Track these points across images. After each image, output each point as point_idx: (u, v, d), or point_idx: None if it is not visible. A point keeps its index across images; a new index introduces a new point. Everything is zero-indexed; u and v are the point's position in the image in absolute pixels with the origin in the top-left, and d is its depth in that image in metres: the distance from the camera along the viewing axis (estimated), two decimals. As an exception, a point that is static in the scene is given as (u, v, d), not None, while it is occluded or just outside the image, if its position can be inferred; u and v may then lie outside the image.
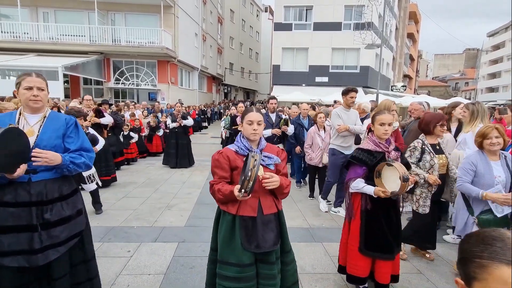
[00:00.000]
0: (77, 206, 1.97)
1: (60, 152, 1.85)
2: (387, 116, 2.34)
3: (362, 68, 19.95)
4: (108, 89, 17.30)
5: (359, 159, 2.37)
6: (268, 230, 1.87)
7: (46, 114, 1.91)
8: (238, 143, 1.92)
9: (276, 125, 5.17)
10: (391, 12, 21.98)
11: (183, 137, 7.38)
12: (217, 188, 1.82)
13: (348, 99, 4.23)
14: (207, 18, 23.18)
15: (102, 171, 5.28)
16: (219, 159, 1.88)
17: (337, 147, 4.33)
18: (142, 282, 2.62)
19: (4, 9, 16.16)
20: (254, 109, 1.91)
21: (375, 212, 2.34)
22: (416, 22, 38.81)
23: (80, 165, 1.89)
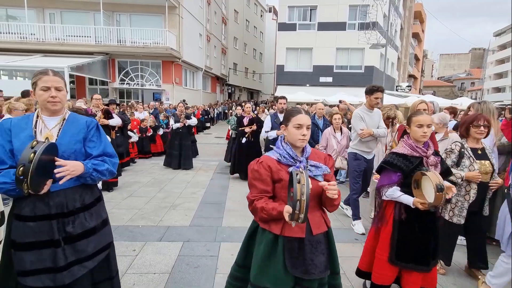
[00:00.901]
0: (101, 215, 1.81)
1: (81, 158, 1.70)
2: (425, 117, 2.13)
3: (367, 68, 19.85)
4: (113, 89, 17.43)
5: (394, 165, 2.16)
6: (318, 253, 1.62)
7: (66, 116, 1.74)
8: (280, 150, 1.66)
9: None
10: (396, 12, 21.85)
11: (187, 137, 7.25)
12: (260, 206, 1.56)
13: (372, 99, 3.80)
14: (211, 18, 23.24)
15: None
16: (259, 170, 1.61)
17: (359, 152, 3.96)
18: (148, 281, 2.63)
19: (11, 10, 16.39)
20: (303, 111, 1.65)
21: (409, 222, 2.15)
22: (422, 21, 38.52)
23: (103, 173, 1.72)
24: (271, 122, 5.03)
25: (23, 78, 16.12)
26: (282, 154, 1.64)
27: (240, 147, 6.28)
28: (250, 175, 1.66)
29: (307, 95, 16.43)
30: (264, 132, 5.09)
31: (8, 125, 1.62)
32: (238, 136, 6.39)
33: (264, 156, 1.69)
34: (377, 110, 3.97)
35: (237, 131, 6.60)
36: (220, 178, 6.47)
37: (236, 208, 4.62)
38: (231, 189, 5.69)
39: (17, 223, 1.60)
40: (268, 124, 5.07)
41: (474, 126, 2.65)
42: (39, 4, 15.93)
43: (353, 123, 3.93)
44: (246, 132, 6.14)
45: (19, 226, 1.59)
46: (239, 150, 6.29)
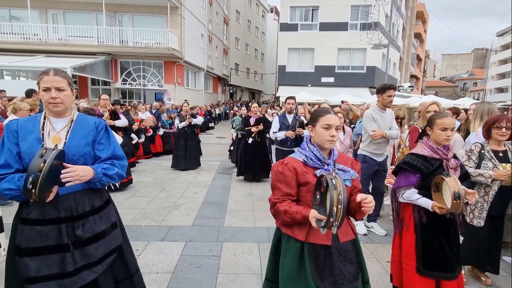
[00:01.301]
0: (111, 219, 1.76)
1: (90, 161, 1.65)
2: (450, 120, 2.04)
3: (369, 69, 19.82)
4: (116, 90, 17.48)
5: (413, 166, 2.08)
6: (347, 262, 1.53)
7: (74, 117, 1.67)
8: (306, 151, 1.58)
9: (292, 127, 4.84)
10: (398, 12, 21.80)
11: (192, 137, 7.20)
12: (284, 209, 1.48)
13: (385, 98, 3.57)
14: (213, 19, 23.28)
15: None
16: (284, 172, 1.54)
17: (369, 154, 3.79)
18: (151, 281, 2.64)
19: (14, 11, 16.47)
20: (331, 110, 1.59)
21: (432, 225, 2.04)
22: (424, 22, 38.42)
23: (113, 177, 1.67)
24: (279, 123, 4.95)
25: (26, 78, 16.21)
26: (309, 156, 1.56)
27: (246, 148, 6.21)
28: (274, 177, 1.59)
29: (308, 95, 16.40)
30: (272, 133, 5.01)
31: (15, 127, 1.57)
32: (244, 137, 6.32)
33: (289, 158, 1.61)
34: (390, 110, 3.81)
35: (243, 131, 6.56)
36: (222, 178, 6.48)
37: (238, 208, 4.62)
38: (233, 189, 5.70)
39: (23, 227, 1.54)
40: (276, 125, 4.98)
41: (495, 128, 2.55)
42: (42, 4, 16.00)
43: (364, 124, 3.78)
44: (253, 132, 6.06)
45: (25, 231, 1.53)
46: (245, 150, 6.21)
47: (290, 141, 4.78)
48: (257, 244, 3.42)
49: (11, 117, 4.54)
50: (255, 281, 2.69)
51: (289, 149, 4.79)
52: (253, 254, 3.19)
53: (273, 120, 5.25)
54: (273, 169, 1.61)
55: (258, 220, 4.15)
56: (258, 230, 3.81)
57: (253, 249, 3.29)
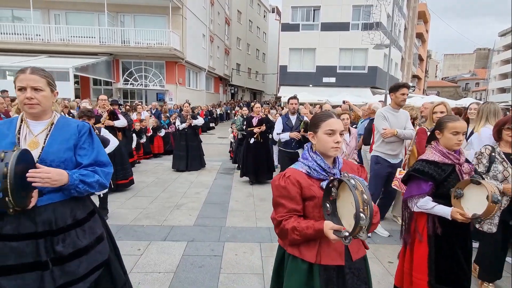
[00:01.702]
0: (95, 231, 1.61)
1: (71, 167, 1.50)
2: (462, 124, 1.93)
3: (370, 69, 19.79)
4: (117, 90, 17.53)
5: (425, 173, 1.94)
6: (361, 282, 1.41)
7: (54, 120, 1.54)
8: (309, 161, 1.42)
9: (296, 128, 4.66)
10: (400, 12, 21.76)
11: (193, 138, 7.12)
12: (292, 226, 1.31)
13: (398, 96, 3.44)
14: (214, 19, 23.31)
15: (119, 174, 5.03)
16: (287, 186, 1.38)
17: (382, 155, 3.62)
18: (153, 280, 2.65)
19: (17, 11, 16.54)
20: (333, 114, 1.44)
21: (447, 236, 1.91)
22: (426, 22, 38.32)
23: (92, 185, 1.51)
24: (283, 124, 4.81)
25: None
26: (312, 166, 1.40)
27: (248, 148, 6.09)
28: (275, 192, 1.41)
29: (310, 96, 16.40)
30: (275, 134, 4.83)
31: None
32: (247, 137, 6.19)
33: (290, 169, 1.44)
34: (404, 111, 3.68)
35: (244, 131, 6.45)
36: (223, 178, 6.49)
37: (239, 208, 4.63)
38: (234, 189, 5.71)
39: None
40: (279, 126, 4.82)
41: (506, 129, 2.43)
42: (44, 5, 16.06)
43: (375, 123, 3.67)
44: (255, 132, 5.94)
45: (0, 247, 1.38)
46: (247, 151, 6.10)
47: (294, 143, 4.65)
48: (259, 244, 3.43)
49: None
50: (256, 281, 2.70)
51: (293, 150, 4.69)
52: (254, 254, 3.20)
53: (276, 121, 5.12)
54: (273, 183, 1.44)
55: (259, 220, 4.16)
56: (260, 230, 3.82)
57: (255, 249, 3.29)
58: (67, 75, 13.31)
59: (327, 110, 1.47)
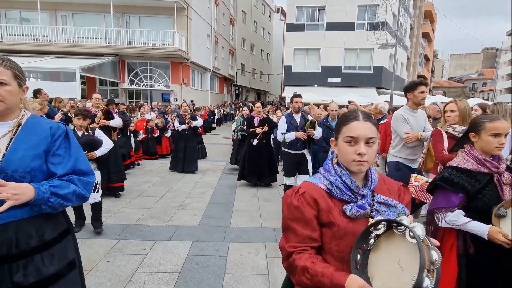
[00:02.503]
0: (67, 256, 1.34)
1: (41, 179, 1.24)
2: (504, 124, 1.65)
3: (376, 69, 19.66)
4: (123, 90, 17.67)
5: (455, 183, 1.67)
6: None
7: (22, 121, 1.27)
8: (331, 175, 1.10)
9: (301, 128, 4.44)
10: (406, 12, 21.59)
11: (192, 139, 6.95)
12: (303, 265, 1.00)
13: (417, 95, 3.14)
14: (219, 19, 23.36)
15: (113, 177, 4.70)
16: (300, 206, 1.07)
17: (403, 160, 3.33)
18: (158, 280, 2.66)
19: (25, 13, 16.78)
20: (360, 114, 1.08)
21: (482, 258, 1.64)
22: (432, 21, 37.96)
23: (67, 197, 1.24)
24: (287, 123, 4.55)
25: (35, 79, 16.47)
26: (334, 182, 1.08)
27: (251, 150, 5.86)
28: (286, 213, 1.11)
29: (315, 96, 16.34)
30: (280, 134, 4.53)
31: None
32: (249, 138, 5.97)
33: (306, 184, 1.13)
34: (421, 110, 3.43)
35: (245, 132, 6.32)
36: (228, 179, 6.49)
37: (244, 209, 4.63)
38: (239, 189, 5.71)
39: None
40: (283, 125, 4.57)
41: None
42: (51, 6, 16.26)
43: (394, 127, 3.36)
44: (258, 133, 5.74)
45: None
46: (250, 152, 5.86)
47: (300, 143, 4.43)
48: (264, 244, 3.42)
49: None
50: (261, 282, 2.69)
51: (298, 151, 4.49)
52: (259, 254, 3.19)
53: (279, 121, 4.90)
54: (284, 201, 1.14)
55: (264, 221, 4.15)
56: (265, 231, 3.81)
57: (260, 250, 3.29)
58: (74, 76, 13.46)
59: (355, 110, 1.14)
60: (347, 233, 1.03)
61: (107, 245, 3.26)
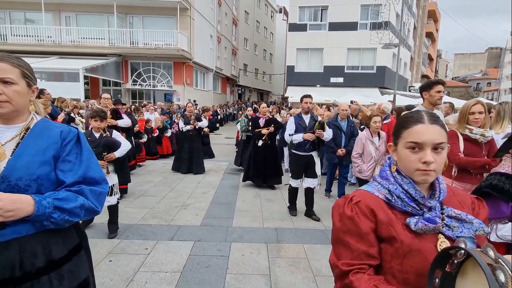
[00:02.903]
0: (79, 275, 1.20)
1: (48, 188, 1.12)
2: None
3: (379, 68, 19.57)
4: (126, 90, 17.75)
5: (504, 191, 1.53)
6: None
7: (31, 124, 1.17)
8: (390, 183, 0.96)
9: (310, 129, 4.23)
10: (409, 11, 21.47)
11: (197, 140, 6.84)
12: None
13: (433, 95, 2.99)
14: (222, 19, 23.39)
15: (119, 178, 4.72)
16: (354, 217, 0.93)
17: None
18: (160, 279, 2.66)
19: (29, 14, 16.92)
20: (425, 116, 0.93)
21: None
22: (436, 21, 37.74)
23: (74, 212, 1.10)
24: (295, 124, 4.36)
25: (40, 79, 16.58)
26: (395, 191, 0.94)
27: (256, 151, 5.76)
28: (338, 224, 0.97)
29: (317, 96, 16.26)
30: (287, 135, 4.36)
31: None
32: (254, 139, 5.86)
33: (361, 192, 0.99)
34: (439, 112, 3.21)
35: (250, 133, 6.22)
36: (230, 179, 6.49)
37: (246, 209, 4.62)
38: (241, 189, 5.71)
39: None
40: (291, 126, 4.36)
41: None
42: (55, 7, 16.37)
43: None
44: (263, 134, 5.62)
45: None
46: (255, 154, 5.76)
47: (308, 145, 4.23)
48: (266, 244, 3.41)
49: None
50: (263, 282, 2.68)
51: (306, 153, 4.29)
52: (261, 254, 3.18)
53: (287, 121, 4.60)
54: (335, 210, 1.00)
55: (266, 221, 4.14)
56: (267, 231, 3.80)
57: (262, 250, 3.28)
58: (77, 76, 13.54)
59: (419, 111, 0.98)
60: (412, 251, 0.87)
61: (110, 244, 3.27)
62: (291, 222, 4.12)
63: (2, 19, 16.95)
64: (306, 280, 2.73)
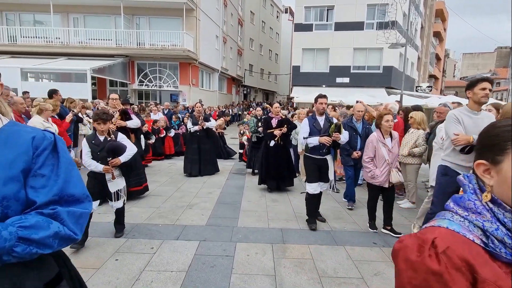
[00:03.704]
0: None
1: (15, 210, 0.88)
2: None
3: (385, 68, 19.41)
4: (132, 91, 17.91)
5: None
6: None
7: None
8: (484, 219, 0.69)
9: (325, 132, 3.93)
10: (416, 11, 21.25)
11: (205, 141, 6.66)
12: None
13: (477, 92, 2.80)
14: (227, 20, 23.45)
15: (131, 181, 4.52)
16: (443, 273, 0.63)
17: (452, 166, 2.99)
18: (165, 279, 2.67)
19: (38, 16, 17.19)
20: None
21: None
22: (443, 20, 37.29)
23: (45, 243, 0.86)
24: (309, 126, 4.04)
25: (48, 80, 16.83)
26: (494, 232, 0.67)
27: (268, 152, 5.56)
28: (409, 278, 0.68)
29: (323, 96, 16.22)
30: (301, 139, 4.07)
31: None
32: (266, 140, 5.65)
33: (444, 232, 0.70)
34: (488, 113, 3.05)
35: (262, 133, 6.06)
36: (235, 179, 6.50)
37: (251, 209, 4.62)
38: (246, 189, 5.71)
39: None
40: (305, 129, 4.05)
41: None
42: (64, 9, 16.61)
43: (445, 127, 3.08)
44: (275, 135, 5.40)
45: None
46: (267, 156, 5.57)
47: (325, 148, 3.95)
48: (271, 245, 3.40)
49: (36, 118, 4.72)
50: (268, 283, 2.67)
51: (321, 157, 3.99)
52: (266, 255, 3.17)
53: (302, 123, 4.27)
54: (403, 256, 0.71)
55: (271, 221, 4.13)
56: (272, 231, 3.79)
57: (267, 250, 3.27)
58: (85, 77, 13.70)
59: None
60: None
61: (116, 243, 3.30)
62: (297, 222, 4.10)
63: (12, 21, 17.27)
64: (312, 281, 2.71)
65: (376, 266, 3.02)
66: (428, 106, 13.70)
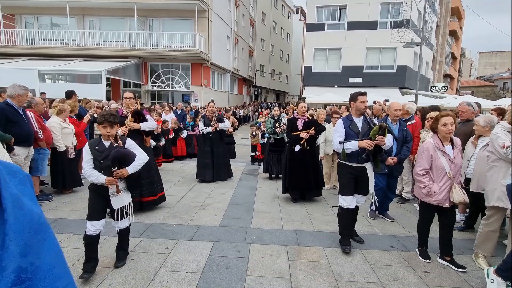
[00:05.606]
0: None
1: None
2: None
3: (399, 68, 19.04)
4: (146, 92, 18.17)
5: None
6: None
7: None
8: None
9: (365, 135, 3.31)
10: (431, 9, 20.78)
11: (218, 144, 6.15)
12: None
13: None
14: (239, 21, 23.51)
15: (144, 190, 4.16)
16: None
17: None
18: (180, 279, 2.67)
19: (55, 19, 17.69)
20: None
21: None
22: (459, 18, 36.32)
23: None
24: (345, 128, 3.42)
25: (64, 81, 17.29)
26: None
27: (292, 158, 4.97)
28: None
29: (335, 97, 16.07)
30: (337, 143, 3.40)
31: None
32: (290, 143, 5.05)
33: None
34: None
35: (278, 135, 5.89)
36: (248, 179, 6.47)
37: (265, 210, 4.58)
38: (259, 190, 5.68)
39: None
40: (340, 132, 3.42)
41: None
42: (80, 12, 17.03)
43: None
44: (302, 138, 4.79)
45: None
46: (292, 162, 4.97)
47: (364, 154, 3.28)
48: (285, 247, 3.36)
49: (54, 119, 4.83)
50: (284, 286, 2.63)
51: (360, 164, 3.37)
52: (281, 257, 3.13)
53: (335, 126, 3.63)
54: None
55: (285, 223, 4.09)
56: (286, 233, 3.74)
57: (281, 252, 3.23)
58: (100, 78, 13.98)
59: None
60: None
61: (131, 243, 3.30)
62: (311, 224, 4.04)
63: (30, 24, 17.81)
64: (328, 285, 2.66)
65: (394, 270, 2.93)
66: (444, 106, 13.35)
